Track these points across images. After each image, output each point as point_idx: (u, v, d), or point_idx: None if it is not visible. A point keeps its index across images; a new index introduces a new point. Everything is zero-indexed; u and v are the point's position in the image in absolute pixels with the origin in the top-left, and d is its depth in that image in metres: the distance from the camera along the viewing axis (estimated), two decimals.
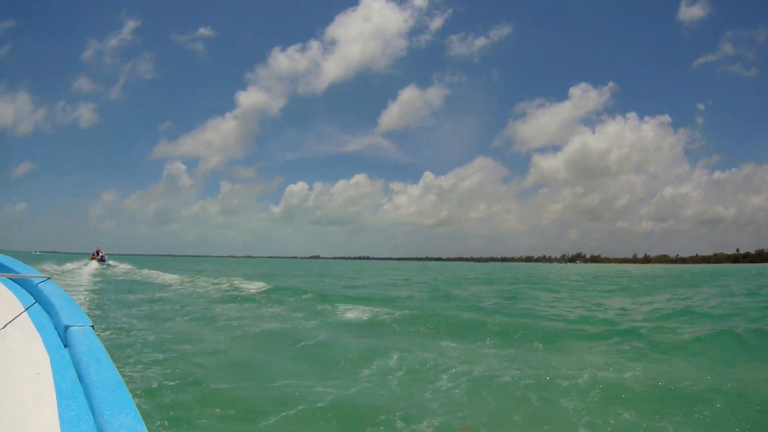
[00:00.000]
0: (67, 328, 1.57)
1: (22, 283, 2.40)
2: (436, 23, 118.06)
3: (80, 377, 1.31)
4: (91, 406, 1.15)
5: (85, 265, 31.57)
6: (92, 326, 1.58)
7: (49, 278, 2.28)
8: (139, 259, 68.34)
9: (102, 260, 35.12)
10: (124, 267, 33.50)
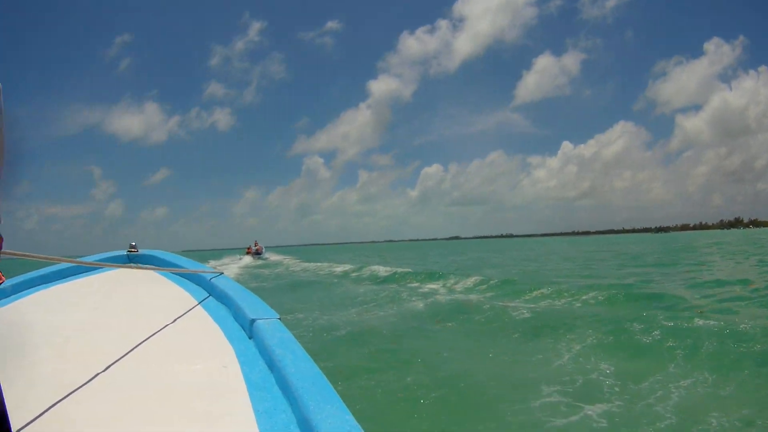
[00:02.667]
0: (253, 321, 1.56)
1: (195, 279, 2.43)
2: None
3: (271, 368, 1.29)
4: (287, 397, 1.14)
5: (240, 258, 30.98)
6: (279, 318, 1.57)
7: (221, 273, 2.35)
8: (289, 251, 67.37)
9: (258, 254, 33.45)
10: (283, 259, 32.00)
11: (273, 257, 33.70)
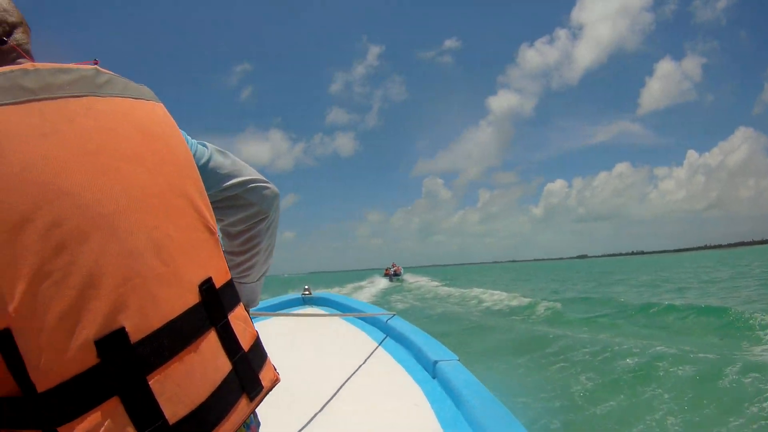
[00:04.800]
0: (435, 362, 1.61)
1: (371, 320, 2.60)
2: None
3: (458, 406, 1.35)
4: None
5: (371, 282, 29.49)
6: (458, 359, 1.61)
7: (395, 314, 2.48)
8: (424, 271, 64.37)
9: (396, 275, 32.99)
10: (421, 281, 29.20)
11: (411, 279, 31.94)
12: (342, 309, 3.06)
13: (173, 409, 0.50)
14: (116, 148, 0.54)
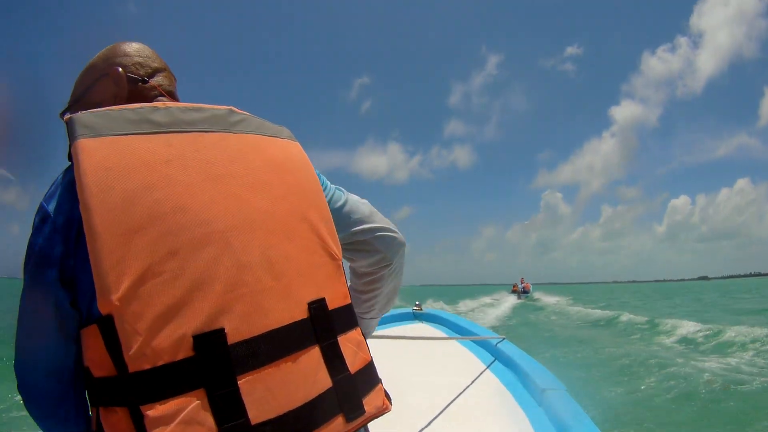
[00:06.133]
0: (543, 390, 1.59)
1: (482, 343, 2.59)
2: None
3: None
4: None
5: (497, 300, 27.05)
6: (566, 390, 1.59)
7: (504, 338, 2.47)
8: (553, 289, 60.90)
9: (525, 292, 30.58)
10: (556, 301, 25.50)
11: (543, 298, 28.60)
12: (451, 327, 3.10)
13: (258, 411, 0.52)
14: (241, 176, 0.61)
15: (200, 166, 0.58)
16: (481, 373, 2.04)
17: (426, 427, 1.48)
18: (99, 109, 0.57)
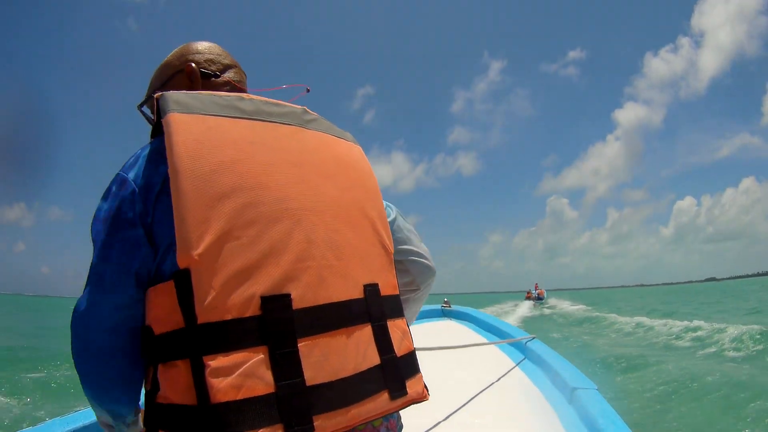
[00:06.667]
0: (574, 389, 1.59)
1: (513, 342, 2.62)
2: None
3: None
4: None
5: (516, 305, 27.10)
6: (597, 389, 1.58)
7: (534, 337, 2.48)
8: (565, 294, 57.40)
9: (539, 299, 30.55)
10: (572, 307, 24.43)
11: (559, 304, 28.28)
12: (479, 324, 3.11)
13: (313, 373, 0.56)
14: (314, 165, 0.68)
15: (280, 152, 0.64)
16: (510, 370, 2.05)
17: (454, 419, 1.49)
18: (189, 91, 0.63)
